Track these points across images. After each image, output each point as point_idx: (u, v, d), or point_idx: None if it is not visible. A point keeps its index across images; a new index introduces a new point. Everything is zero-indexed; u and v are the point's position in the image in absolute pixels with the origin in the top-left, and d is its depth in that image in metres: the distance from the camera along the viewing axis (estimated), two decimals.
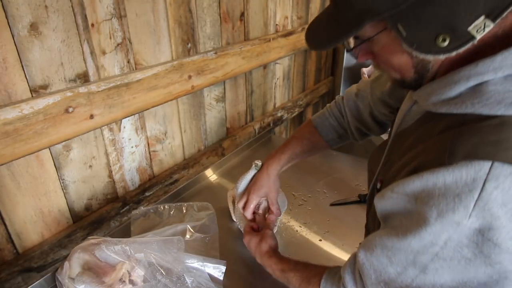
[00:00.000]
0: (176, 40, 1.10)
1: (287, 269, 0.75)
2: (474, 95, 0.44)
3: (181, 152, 1.29)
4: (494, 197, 0.40)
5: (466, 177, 0.41)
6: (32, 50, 0.77)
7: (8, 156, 0.75)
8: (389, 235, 0.50)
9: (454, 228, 0.43)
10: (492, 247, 0.42)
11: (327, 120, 0.96)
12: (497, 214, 0.41)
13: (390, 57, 0.51)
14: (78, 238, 0.96)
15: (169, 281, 0.80)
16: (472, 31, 0.40)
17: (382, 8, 0.43)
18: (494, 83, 0.43)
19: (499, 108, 0.42)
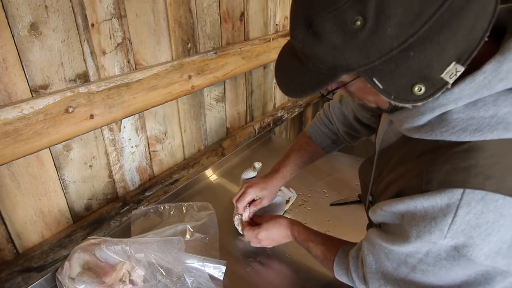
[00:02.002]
0: (176, 40, 1.10)
1: (309, 239, 0.84)
2: (441, 124, 0.47)
3: (181, 152, 1.29)
4: (467, 220, 0.45)
5: (441, 203, 0.46)
6: (32, 50, 0.77)
7: (8, 156, 0.75)
8: (382, 239, 0.57)
9: (432, 245, 0.49)
10: (467, 261, 0.47)
11: (319, 129, 1.01)
12: (470, 234, 0.45)
13: (365, 96, 0.53)
14: (78, 238, 0.96)
15: (169, 281, 0.80)
16: (445, 77, 0.42)
17: (355, 65, 0.44)
18: (457, 111, 0.46)
19: (465, 135, 0.45)
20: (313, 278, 0.89)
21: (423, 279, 0.53)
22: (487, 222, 0.45)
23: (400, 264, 0.55)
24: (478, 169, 0.44)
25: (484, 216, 0.44)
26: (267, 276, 0.90)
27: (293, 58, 0.52)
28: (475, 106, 0.45)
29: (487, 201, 0.44)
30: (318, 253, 0.81)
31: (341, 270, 0.73)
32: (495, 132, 0.44)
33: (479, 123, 0.45)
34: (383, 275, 0.58)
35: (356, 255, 0.68)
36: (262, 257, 0.96)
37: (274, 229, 0.90)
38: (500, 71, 0.43)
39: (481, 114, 0.45)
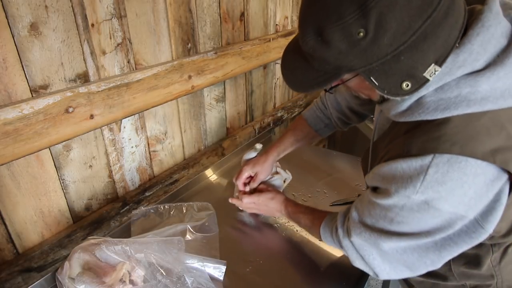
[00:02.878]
0: (176, 40, 1.10)
1: (298, 211, 0.96)
2: (418, 107, 0.58)
3: (181, 152, 1.29)
4: (435, 178, 0.56)
5: (415, 165, 0.57)
6: (32, 50, 0.77)
7: (8, 156, 0.75)
8: (371, 196, 0.68)
9: (406, 199, 0.59)
10: (435, 210, 0.58)
11: (315, 113, 1.13)
12: (437, 189, 0.56)
13: (361, 90, 0.65)
14: (78, 238, 0.96)
15: (169, 282, 0.80)
16: (426, 75, 0.53)
17: (356, 66, 0.54)
18: (428, 95, 0.57)
19: (436, 113, 0.56)
20: (313, 278, 0.89)
21: (399, 228, 0.64)
22: (451, 179, 0.55)
23: (378, 219, 0.66)
24: (446, 138, 0.55)
25: (449, 175, 0.55)
26: (267, 276, 0.90)
27: (299, 57, 0.61)
28: (442, 89, 0.56)
29: (452, 162, 0.55)
30: (307, 222, 0.91)
31: (327, 232, 0.82)
32: (459, 109, 0.55)
33: (446, 102, 0.55)
34: (364, 226, 0.69)
35: (344, 212, 0.79)
36: (262, 257, 0.96)
37: (272, 201, 1.03)
38: (457, 60, 0.54)
39: (447, 95, 0.56)
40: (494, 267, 0.72)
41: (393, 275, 0.70)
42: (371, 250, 0.70)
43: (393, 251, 0.66)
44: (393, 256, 0.67)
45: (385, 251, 0.67)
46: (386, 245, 0.66)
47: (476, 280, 0.74)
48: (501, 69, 0.54)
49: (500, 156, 0.53)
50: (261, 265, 0.93)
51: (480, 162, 0.54)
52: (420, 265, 0.66)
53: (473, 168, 0.54)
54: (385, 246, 0.66)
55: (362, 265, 0.74)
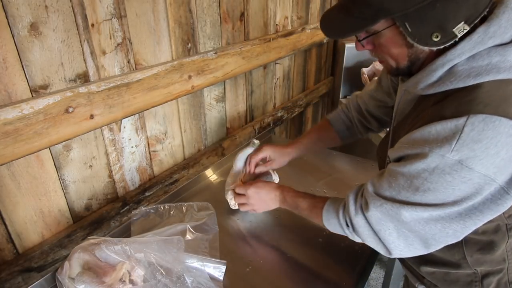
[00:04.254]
0: (176, 40, 1.10)
1: (296, 195, 0.95)
2: (450, 76, 0.61)
3: (181, 152, 1.29)
4: (471, 136, 0.56)
5: (450, 125, 0.58)
6: (32, 50, 0.77)
7: (8, 156, 0.75)
8: (395, 166, 0.67)
9: (439, 160, 0.59)
10: (468, 171, 0.58)
11: (338, 115, 1.14)
12: (473, 147, 0.57)
13: (391, 47, 0.66)
14: (78, 238, 0.96)
15: (169, 281, 0.80)
16: (455, 31, 0.57)
17: (395, 9, 0.57)
18: (461, 64, 0.60)
19: (469, 80, 0.59)
20: (313, 278, 0.89)
21: (423, 198, 0.63)
22: (487, 137, 0.56)
23: (400, 190, 0.65)
24: (478, 100, 0.57)
25: (485, 132, 0.56)
26: (267, 276, 0.90)
27: (339, 13, 0.65)
28: (474, 58, 0.59)
29: (487, 121, 0.56)
30: (306, 205, 0.90)
31: (331, 213, 0.82)
32: (490, 75, 0.58)
33: (478, 70, 0.58)
34: (384, 198, 0.68)
35: (356, 191, 0.78)
36: (262, 257, 0.96)
37: (264, 189, 1.01)
38: (488, 31, 0.58)
39: (479, 64, 0.59)
40: (508, 252, 0.73)
41: (406, 252, 0.70)
42: (389, 224, 0.68)
43: (415, 222, 0.65)
44: (413, 229, 0.66)
45: (406, 223, 0.66)
46: (409, 215, 0.65)
47: (488, 266, 0.75)
48: None
49: None
50: (261, 265, 0.93)
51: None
52: (441, 237, 0.65)
53: (506, 127, 0.55)
54: (408, 216, 0.65)
55: (374, 242, 0.73)
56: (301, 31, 1.76)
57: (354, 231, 0.76)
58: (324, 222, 0.84)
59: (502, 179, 0.58)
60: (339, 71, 2.15)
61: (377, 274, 1.95)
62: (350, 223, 0.76)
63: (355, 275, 0.89)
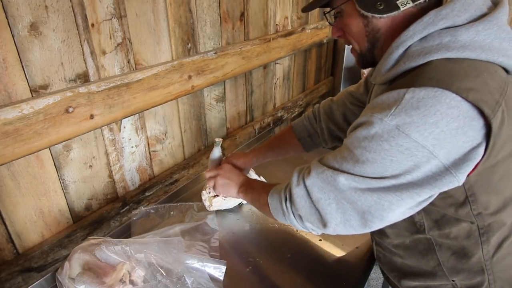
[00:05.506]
0: (176, 40, 1.10)
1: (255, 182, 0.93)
2: (405, 57, 0.63)
3: (181, 152, 1.29)
4: (410, 103, 0.57)
5: (394, 94, 0.60)
6: (32, 50, 0.77)
7: (8, 156, 0.75)
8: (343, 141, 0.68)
9: (378, 125, 0.59)
10: (404, 137, 0.57)
11: (301, 122, 1.11)
12: (410, 113, 0.57)
13: (351, 24, 0.70)
14: (78, 238, 0.96)
15: (169, 282, 0.80)
16: (398, 3, 0.63)
17: None
18: (414, 45, 0.63)
19: (419, 58, 0.61)
20: (313, 278, 0.89)
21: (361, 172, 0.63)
22: (425, 105, 0.56)
23: (342, 162, 0.65)
24: (423, 75, 0.59)
25: (424, 101, 0.56)
26: (267, 276, 0.90)
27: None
28: (425, 39, 0.62)
29: (428, 91, 0.56)
30: (261, 185, 0.88)
31: (276, 190, 0.79)
32: (439, 53, 0.59)
33: (428, 49, 0.61)
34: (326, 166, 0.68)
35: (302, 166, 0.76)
36: (262, 257, 0.96)
37: (234, 171, 0.99)
38: (440, 13, 0.60)
39: (430, 44, 0.61)
40: (485, 261, 0.70)
41: (341, 227, 0.67)
42: (329, 193, 0.66)
43: (351, 192, 0.64)
44: (351, 199, 0.64)
45: (343, 191, 0.64)
46: (347, 183, 0.64)
47: (466, 276, 0.72)
48: (480, 25, 0.59)
49: (473, 94, 0.55)
50: (261, 265, 0.93)
51: (454, 95, 0.56)
52: (377, 210, 0.63)
53: (448, 99, 0.56)
54: (346, 184, 0.64)
55: (309, 213, 0.70)
56: (301, 31, 1.76)
57: (293, 202, 0.72)
58: (268, 199, 0.79)
59: (444, 156, 0.57)
60: (339, 71, 2.15)
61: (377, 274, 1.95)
62: (289, 195, 0.74)
63: (355, 275, 0.89)
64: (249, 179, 0.96)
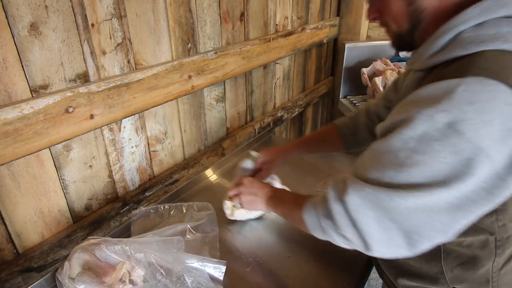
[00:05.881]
0: (176, 40, 1.10)
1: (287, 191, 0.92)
2: (454, 44, 0.57)
3: (181, 152, 1.29)
4: (464, 96, 0.50)
5: (442, 85, 0.53)
6: (32, 50, 0.77)
7: (8, 156, 0.75)
8: (378, 143, 0.60)
9: (428, 122, 0.52)
10: (458, 135, 0.50)
11: (344, 119, 1.09)
12: (464, 109, 0.50)
13: (391, 4, 0.64)
14: (78, 238, 0.96)
15: (169, 281, 0.80)
16: None
17: None
18: (467, 31, 0.56)
19: (471, 46, 0.54)
20: (313, 278, 0.89)
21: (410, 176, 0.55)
22: (481, 100, 0.50)
23: (385, 168, 0.57)
24: (477, 64, 0.52)
25: (480, 95, 0.50)
26: (267, 276, 0.90)
27: None
28: (481, 26, 0.55)
29: (484, 83, 0.50)
30: (291, 198, 0.83)
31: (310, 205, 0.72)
32: (495, 43, 0.53)
33: (483, 37, 0.54)
34: (366, 180, 0.60)
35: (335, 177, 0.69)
36: (262, 257, 0.96)
37: (259, 182, 0.95)
38: (501, 0, 0.54)
39: (485, 32, 0.54)
40: (493, 272, 0.66)
41: (386, 249, 0.60)
42: (368, 212, 0.58)
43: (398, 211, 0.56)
44: (396, 218, 0.57)
45: (388, 210, 0.56)
46: (392, 201, 0.56)
47: (469, 285, 0.69)
48: None
49: None
50: (261, 265, 0.93)
51: None
52: (427, 230, 0.55)
53: (505, 94, 0.49)
54: (390, 203, 0.56)
55: (353, 234, 0.62)
56: (301, 31, 1.76)
57: (332, 220, 0.64)
58: (303, 215, 0.73)
59: (499, 160, 0.50)
60: (339, 71, 2.15)
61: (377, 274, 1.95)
62: (327, 212, 0.66)
63: (355, 275, 0.89)
64: (275, 190, 0.91)
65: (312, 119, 2.31)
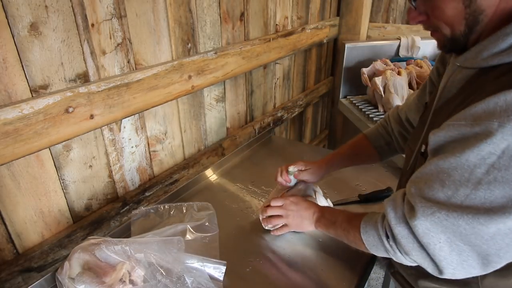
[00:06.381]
0: (176, 40, 1.10)
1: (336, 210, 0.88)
2: None
3: (181, 152, 1.29)
4: None
5: None
6: (32, 50, 0.77)
7: (8, 156, 0.75)
8: (445, 158, 0.54)
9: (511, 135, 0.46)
10: None
11: (376, 130, 1.05)
12: None
13: (446, 7, 0.57)
14: (78, 238, 0.96)
15: (169, 281, 0.80)
16: None
17: None
18: None
19: None
20: (313, 278, 0.89)
21: (485, 197, 0.50)
22: None
23: (458, 188, 0.52)
24: None
25: None
26: (267, 276, 0.90)
27: None
28: None
29: None
30: (344, 218, 0.81)
31: (369, 224, 0.70)
32: None
33: None
34: (436, 204, 0.55)
35: (393, 198, 0.65)
36: (262, 257, 0.96)
37: (303, 203, 0.92)
38: None
39: None
40: None
41: (460, 270, 0.57)
42: (440, 236, 0.55)
43: (476, 236, 0.52)
44: (472, 242, 0.53)
45: (465, 235, 0.53)
46: (470, 227, 0.51)
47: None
48: None
49: None
50: (261, 265, 0.93)
51: None
52: (507, 252, 0.52)
53: None
54: (468, 229, 0.52)
55: (421, 257, 0.60)
56: (301, 31, 1.76)
57: (396, 243, 0.62)
58: (362, 235, 0.71)
59: None
60: (339, 71, 2.15)
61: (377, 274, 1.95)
62: (390, 234, 0.63)
63: (356, 275, 0.89)
64: (322, 210, 0.90)
65: (312, 119, 2.31)
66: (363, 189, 1.23)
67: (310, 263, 0.93)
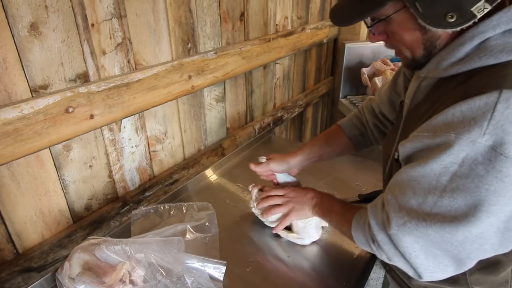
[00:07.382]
0: (176, 40, 1.10)
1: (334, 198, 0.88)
2: (479, 52, 0.53)
3: (181, 152, 1.29)
4: (506, 115, 0.47)
5: (479, 103, 0.48)
6: (32, 50, 0.77)
7: (8, 156, 0.75)
8: (413, 167, 0.57)
9: (470, 147, 0.49)
10: (504, 160, 0.47)
11: (350, 120, 1.05)
12: (509, 130, 0.47)
13: (404, 34, 0.59)
14: (78, 238, 0.96)
15: (169, 282, 0.80)
16: (474, 11, 0.49)
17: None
18: (494, 38, 0.52)
19: (502, 55, 0.50)
20: (313, 278, 0.89)
21: (450, 205, 0.52)
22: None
23: (427, 195, 0.54)
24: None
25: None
26: (267, 276, 0.90)
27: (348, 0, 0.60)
28: (510, 33, 0.51)
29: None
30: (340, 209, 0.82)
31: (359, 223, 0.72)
32: None
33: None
34: (408, 213, 0.57)
35: (375, 203, 0.68)
36: (262, 257, 0.96)
37: (301, 190, 0.93)
38: None
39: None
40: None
41: (438, 272, 0.60)
42: (414, 245, 0.58)
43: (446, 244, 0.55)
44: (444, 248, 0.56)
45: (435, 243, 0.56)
46: (439, 236, 0.54)
47: (488, 286, 0.68)
48: None
49: None
50: (261, 265, 0.93)
51: None
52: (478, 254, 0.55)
53: None
54: (437, 237, 0.55)
55: (402, 263, 0.63)
56: (301, 31, 1.76)
57: (380, 248, 0.65)
58: (352, 233, 0.73)
59: None
60: (339, 71, 2.15)
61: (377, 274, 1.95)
62: (374, 239, 0.66)
63: (355, 275, 0.89)
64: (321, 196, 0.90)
65: (312, 119, 2.31)
66: (363, 189, 1.23)
67: (310, 263, 0.93)
